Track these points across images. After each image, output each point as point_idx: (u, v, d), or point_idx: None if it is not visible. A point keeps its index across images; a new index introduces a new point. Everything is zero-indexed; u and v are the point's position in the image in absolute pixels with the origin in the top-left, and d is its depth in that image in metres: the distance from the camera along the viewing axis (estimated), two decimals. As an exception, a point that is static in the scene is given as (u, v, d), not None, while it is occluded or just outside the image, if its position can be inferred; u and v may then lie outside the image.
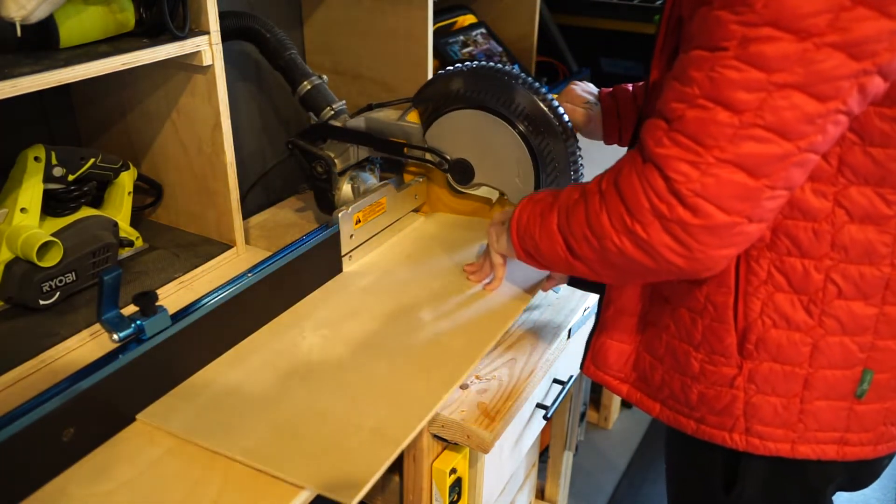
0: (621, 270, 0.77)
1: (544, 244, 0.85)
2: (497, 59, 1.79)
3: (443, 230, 1.31)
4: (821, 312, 0.75)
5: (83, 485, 0.77)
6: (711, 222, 0.67)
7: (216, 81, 1.02)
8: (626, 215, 0.71)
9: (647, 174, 0.69)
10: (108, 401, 0.82)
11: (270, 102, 1.44)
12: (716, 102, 0.64)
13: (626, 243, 0.72)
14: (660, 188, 0.68)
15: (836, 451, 0.79)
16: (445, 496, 0.95)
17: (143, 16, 0.96)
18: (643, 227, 0.70)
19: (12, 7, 0.79)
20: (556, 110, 1.14)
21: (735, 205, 0.66)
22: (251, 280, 0.98)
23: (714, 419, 0.82)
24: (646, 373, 0.88)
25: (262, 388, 0.90)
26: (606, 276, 0.81)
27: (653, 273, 0.75)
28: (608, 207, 0.74)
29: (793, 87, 0.62)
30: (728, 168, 0.65)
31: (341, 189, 1.24)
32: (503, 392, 0.95)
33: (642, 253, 0.72)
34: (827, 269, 0.74)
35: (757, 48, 0.61)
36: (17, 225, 0.94)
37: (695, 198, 0.66)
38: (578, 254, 0.80)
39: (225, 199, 1.11)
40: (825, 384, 0.77)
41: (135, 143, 1.16)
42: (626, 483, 1.96)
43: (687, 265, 0.71)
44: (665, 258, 0.71)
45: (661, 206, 0.68)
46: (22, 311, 0.95)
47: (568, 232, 0.80)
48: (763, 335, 0.77)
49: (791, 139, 0.63)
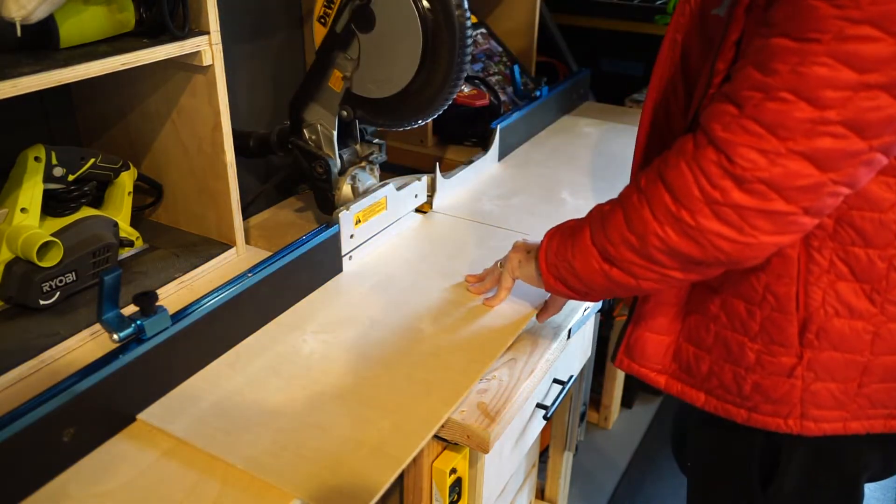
0: (664, 268, 0.77)
1: (579, 262, 0.85)
2: (497, 59, 1.80)
3: (443, 230, 1.31)
4: (883, 300, 0.77)
5: (83, 485, 0.77)
6: (770, 207, 0.67)
7: (216, 81, 1.02)
8: (672, 204, 0.72)
9: (701, 161, 0.69)
10: (108, 401, 0.82)
11: (271, 102, 1.44)
12: (799, 97, 0.63)
13: (671, 233, 0.73)
14: (713, 174, 0.68)
15: (882, 425, 0.81)
16: (445, 496, 0.95)
17: (143, 16, 0.96)
18: (691, 215, 0.71)
19: (12, 7, 0.79)
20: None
21: (797, 195, 0.66)
22: (251, 280, 0.98)
23: (769, 408, 0.83)
24: (689, 363, 0.89)
25: (263, 393, 0.90)
26: (646, 279, 0.80)
27: (696, 265, 0.75)
28: (650, 201, 0.74)
29: (881, 89, 0.61)
30: (798, 160, 0.65)
31: (341, 189, 1.24)
32: (503, 392, 0.95)
33: (689, 241, 0.72)
34: (890, 257, 0.75)
35: (854, 47, 0.60)
36: (18, 225, 0.94)
37: (758, 184, 0.66)
38: (617, 260, 0.80)
39: (225, 199, 1.11)
40: (883, 369, 0.79)
41: (135, 143, 1.16)
42: (626, 483, 1.96)
43: (734, 251, 0.71)
44: (713, 244, 0.71)
45: (713, 192, 0.69)
46: (22, 311, 0.95)
47: (605, 240, 0.80)
48: (824, 324, 0.78)
49: (867, 138, 0.64)
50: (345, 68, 1.18)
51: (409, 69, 1.14)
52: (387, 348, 1.00)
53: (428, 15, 1.10)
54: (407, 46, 1.12)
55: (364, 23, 1.13)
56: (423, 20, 1.10)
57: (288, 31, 1.45)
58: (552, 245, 0.90)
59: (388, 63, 1.15)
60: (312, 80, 1.22)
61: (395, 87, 1.17)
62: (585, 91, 2.01)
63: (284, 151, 1.29)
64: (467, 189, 1.47)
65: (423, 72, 1.14)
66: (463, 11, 1.10)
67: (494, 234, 1.30)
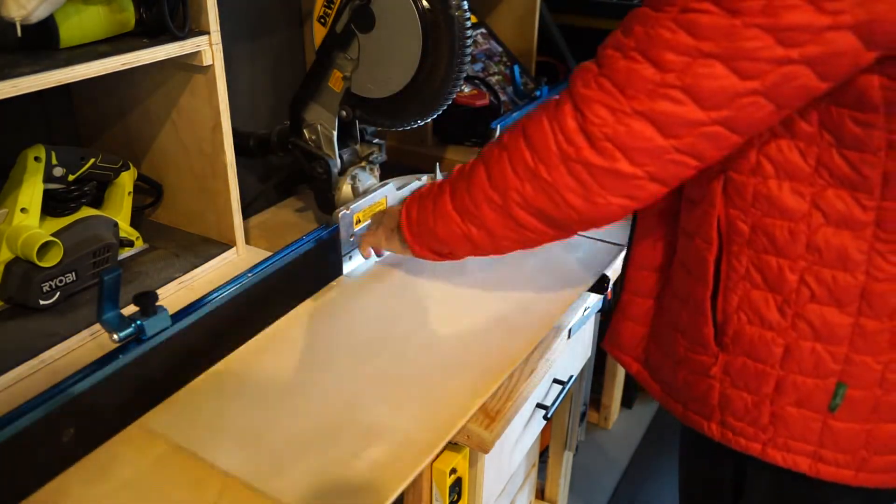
0: (521, 227, 0.80)
1: (441, 228, 0.87)
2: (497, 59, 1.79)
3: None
4: (794, 314, 0.75)
5: (83, 485, 0.77)
6: (615, 167, 0.70)
7: (216, 81, 1.02)
8: (531, 159, 0.74)
9: (560, 116, 0.72)
10: (108, 401, 0.82)
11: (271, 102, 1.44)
12: (645, 57, 0.66)
13: (528, 188, 0.76)
14: (569, 129, 0.71)
15: (808, 465, 0.78)
16: (445, 496, 0.95)
17: (143, 16, 0.96)
18: (548, 170, 0.73)
19: (12, 7, 0.79)
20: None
21: (640, 157, 0.69)
22: (251, 280, 0.98)
23: (695, 405, 0.84)
24: (648, 355, 0.91)
25: (263, 397, 0.90)
26: (505, 239, 0.83)
27: (552, 224, 0.78)
28: (511, 156, 0.77)
29: (716, 58, 0.64)
30: (641, 120, 0.67)
31: (341, 189, 1.24)
32: (503, 392, 0.95)
33: (544, 197, 0.75)
34: (801, 270, 0.74)
35: (693, 17, 0.64)
36: (18, 225, 0.94)
37: (605, 141, 0.69)
38: (479, 219, 0.82)
39: (225, 199, 1.11)
40: (796, 390, 0.77)
41: (135, 143, 1.16)
42: (626, 483, 1.96)
43: (585, 208, 0.74)
44: (566, 200, 0.74)
45: (568, 148, 0.71)
46: (22, 311, 0.95)
47: (468, 200, 0.83)
48: (739, 330, 0.78)
49: (704, 108, 0.66)
50: (345, 68, 1.18)
51: (409, 69, 1.14)
52: (387, 349, 1.00)
53: (428, 15, 1.10)
54: (407, 46, 1.13)
55: (364, 23, 1.13)
56: (422, 20, 1.10)
57: (288, 31, 1.45)
58: (411, 214, 0.92)
59: (388, 63, 1.15)
60: (312, 80, 1.22)
61: (395, 88, 1.17)
62: (585, 91, 2.01)
63: (284, 151, 1.29)
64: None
65: (423, 72, 1.14)
66: (463, 11, 1.10)
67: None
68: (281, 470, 0.79)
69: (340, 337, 1.02)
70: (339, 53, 1.17)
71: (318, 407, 0.89)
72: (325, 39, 1.18)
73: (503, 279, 1.16)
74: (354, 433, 0.85)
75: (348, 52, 1.17)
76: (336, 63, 1.19)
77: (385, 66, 1.16)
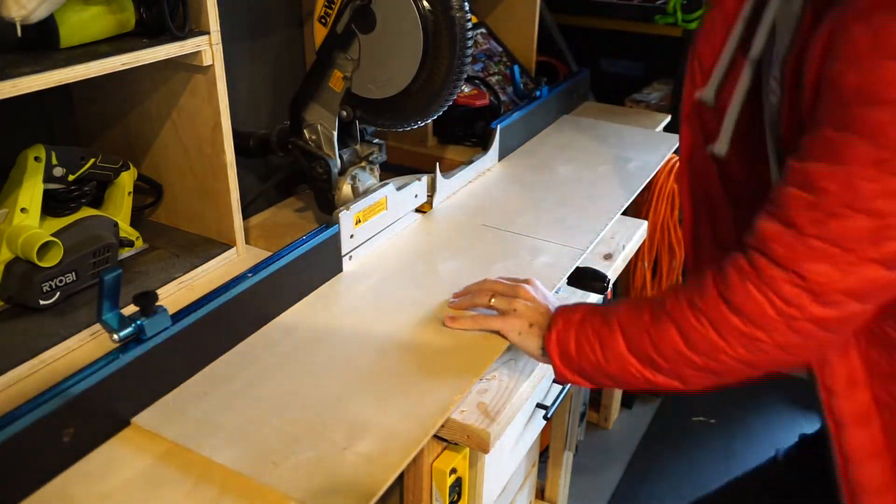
0: (724, 373, 0.80)
1: (615, 367, 0.85)
2: (497, 59, 1.80)
3: (443, 230, 1.31)
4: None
5: (83, 485, 0.77)
6: (846, 312, 0.71)
7: (216, 81, 1.02)
8: (744, 326, 0.75)
9: (771, 282, 0.72)
10: (108, 401, 0.82)
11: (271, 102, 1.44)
12: (855, 211, 0.67)
13: (742, 351, 0.76)
14: (787, 294, 0.71)
15: None
16: (445, 496, 0.95)
17: (144, 16, 0.96)
18: (767, 334, 0.74)
19: (13, 7, 0.79)
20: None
21: (871, 297, 0.71)
22: (251, 280, 0.98)
23: None
24: None
25: (263, 395, 0.90)
26: (699, 383, 0.82)
27: (761, 368, 0.78)
28: (716, 325, 0.76)
29: None
30: (872, 266, 0.68)
31: (341, 189, 1.24)
32: (503, 392, 0.95)
33: (761, 354, 0.76)
34: None
35: (888, 158, 0.64)
36: (17, 225, 0.94)
37: (837, 294, 0.70)
38: (666, 370, 0.81)
39: (225, 199, 1.11)
40: None
41: (135, 143, 1.16)
42: (626, 483, 1.96)
43: (811, 356, 0.77)
44: (787, 354, 0.75)
45: (790, 310, 0.72)
46: (22, 311, 0.95)
47: (652, 352, 0.81)
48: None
49: None
50: (345, 68, 1.18)
51: (410, 69, 1.14)
52: (387, 349, 1.00)
53: (428, 15, 1.10)
54: (407, 47, 1.13)
55: (365, 23, 1.14)
56: (423, 20, 1.10)
57: (288, 31, 1.45)
58: (568, 343, 0.88)
59: (388, 63, 1.15)
60: (313, 80, 1.22)
61: (395, 88, 1.17)
62: (585, 91, 2.01)
63: (284, 151, 1.29)
64: (467, 189, 1.47)
65: (424, 72, 1.14)
66: (463, 12, 1.10)
67: (494, 235, 1.30)
68: (280, 465, 0.79)
69: (335, 335, 1.02)
70: (340, 54, 1.18)
71: (318, 404, 0.89)
72: (325, 40, 1.18)
73: (496, 275, 1.16)
74: (353, 424, 0.85)
75: (349, 53, 1.17)
76: (336, 63, 1.19)
77: (386, 67, 1.16)
